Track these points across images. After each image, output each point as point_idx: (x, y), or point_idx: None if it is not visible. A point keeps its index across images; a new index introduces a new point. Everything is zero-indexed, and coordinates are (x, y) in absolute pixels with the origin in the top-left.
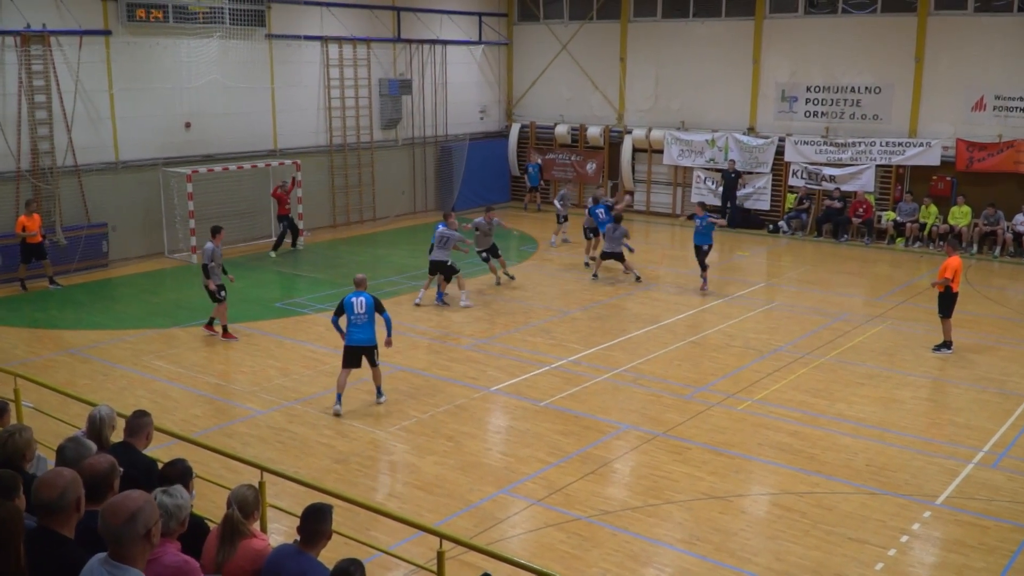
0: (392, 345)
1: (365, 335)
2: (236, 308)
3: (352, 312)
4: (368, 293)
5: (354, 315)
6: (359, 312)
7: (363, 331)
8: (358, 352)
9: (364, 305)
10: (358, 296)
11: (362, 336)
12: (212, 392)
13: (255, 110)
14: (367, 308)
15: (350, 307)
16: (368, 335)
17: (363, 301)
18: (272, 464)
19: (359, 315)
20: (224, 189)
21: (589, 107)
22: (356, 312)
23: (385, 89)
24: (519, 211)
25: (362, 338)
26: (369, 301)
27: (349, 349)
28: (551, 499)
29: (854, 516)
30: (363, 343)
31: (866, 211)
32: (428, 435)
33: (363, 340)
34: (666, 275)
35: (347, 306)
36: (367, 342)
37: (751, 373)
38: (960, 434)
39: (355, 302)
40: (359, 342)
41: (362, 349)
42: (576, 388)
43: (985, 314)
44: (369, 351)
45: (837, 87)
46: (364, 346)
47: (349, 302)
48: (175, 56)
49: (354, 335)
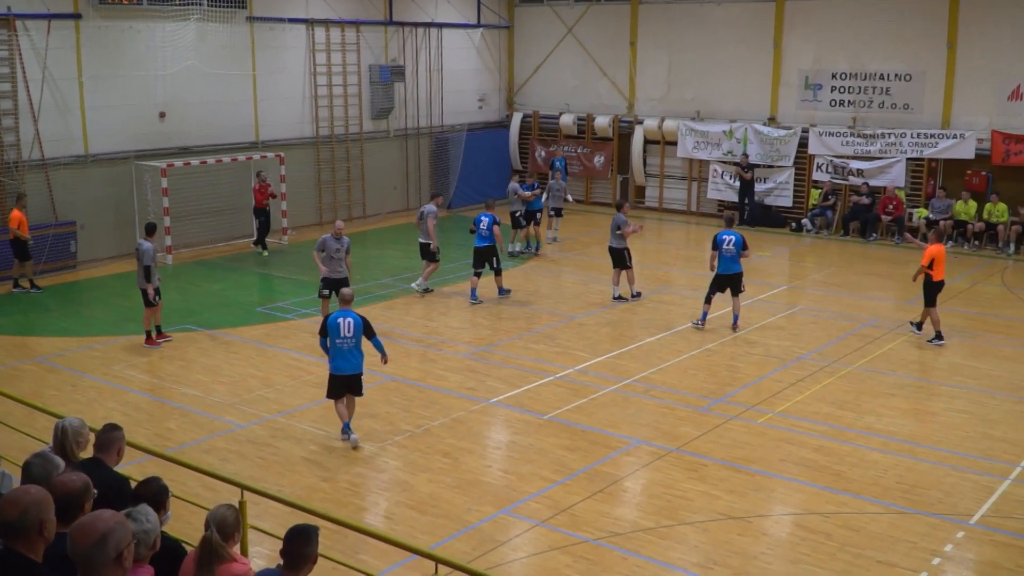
0: (388, 363)
1: (351, 362)
2: (214, 313)
3: (338, 335)
4: (356, 313)
5: (340, 338)
6: (346, 335)
7: (349, 358)
8: (345, 382)
9: (352, 327)
10: (345, 316)
11: (348, 364)
12: (188, 404)
13: (235, 99)
14: (355, 331)
15: (335, 329)
16: (355, 362)
17: (351, 323)
18: (253, 482)
19: (346, 339)
20: (201, 184)
21: (597, 95)
22: (343, 335)
23: (376, 76)
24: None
25: (348, 366)
26: (358, 323)
27: (334, 379)
28: (556, 520)
29: (883, 537)
30: (349, 371)
31: (896, 208)
32: (422, 451)
33: (349, 368)
34: (679, 277)
35: (332, 328)
36: (353, 369)
37: (772, 383)
38: (996, 448)
39: (342, 323)
40: (344, 371)
41: (347, 379)
42: (583, 400)
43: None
44: (355, 380)
45: (864, 74)
46: (350, 375)
47: (335, 323)
48: (149, 41)
49: (339, 363)
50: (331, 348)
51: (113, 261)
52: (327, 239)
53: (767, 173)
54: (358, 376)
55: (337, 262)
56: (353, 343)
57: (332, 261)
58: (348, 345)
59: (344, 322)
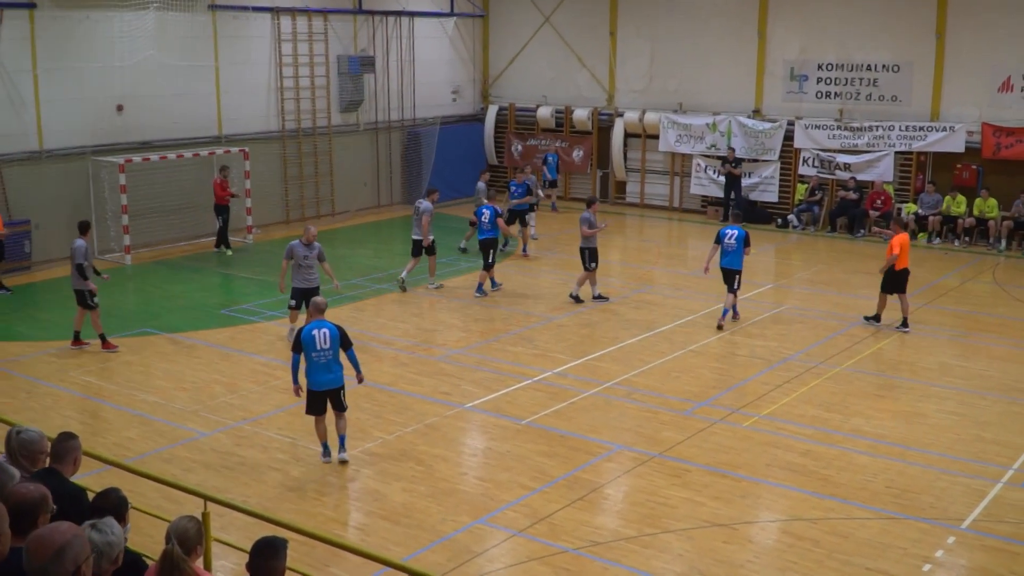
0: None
1: (331, 375)
2: (176, 316)
3: (314, 348)
4: (332, 323)
5: (316, 351)
6: (323, 348)
7: (328, 371)
8: (324, 397)
9: (328, 338)
10: (320, 327)
11: (328, 377)
12: (149, 411)
13: (197, 91)
14: (332, 342)
15: (311, 342)
16: (335, 375)
17: (327, 334)
18: (217, 492)
19: (323, 351)
20: (162, 180)
21: (575, 87)
22: (319, 348)
23: (344, 67)
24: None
25: (327, 379)
26: (334, 333)
27: (313, 395)
28: (534, 529)
29: (873, 544)
30: (329, 386)
31: (885, 203)
32: (395, 458)
33: (329, 382)
34: (662, 276)
35: (307, 341)
36: (333, 384)
37: (758, 385)
38: (988, 451)
39: (317, 335)
40: (325, 385)
41: (328, 394)
42: (562, 404)
43: (1016, 318)
44: (335, 394)
45: (852, 65)
46: (330, 389)
47: (309, 336)
48: (107, 31)
49: (318, 377)
50: (308, 363)
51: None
52: (295, 246)
53: (752, 167)
54: (339, 390)
55: (307, 270)
56: (331, 355)
57: (301, 269)
58: (326, 358)
59: (320, 334)
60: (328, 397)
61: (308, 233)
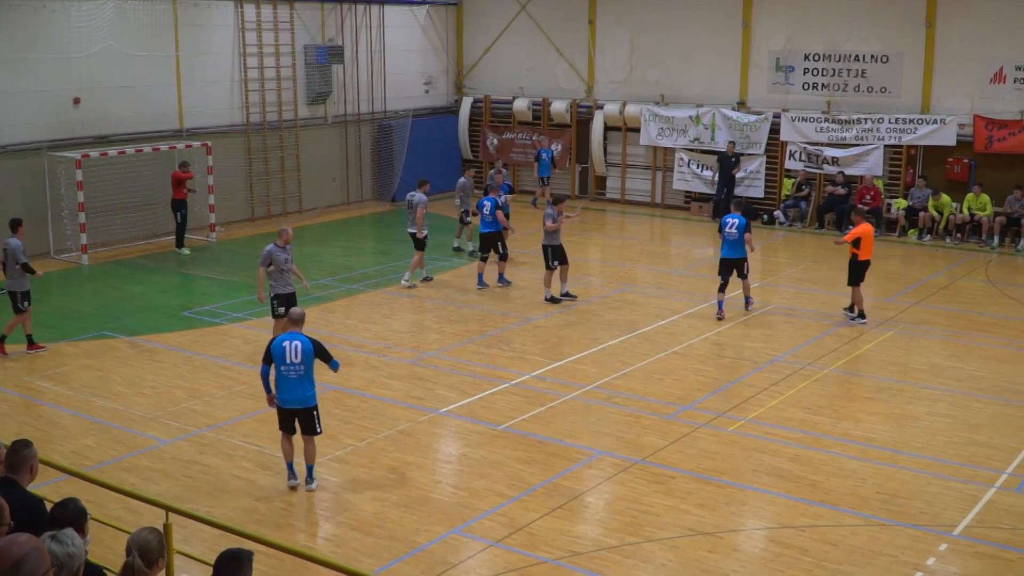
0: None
1: (300, 393)
2: (135, 318)
3: (283, 361)
4: (306, 335)
5: (285, 365)
6: (292, 361)
7: (297, 388)
8: (292, 416)
9: (299, 352)
10: (292, 340)
11: (296, 395)
12: (108, 418)
13: (157, 83)
14: (303, 356)
15: (280, 355)
16: (305, 393)
17: (298, 347)
18: (179, 503)
19: (292, 366)
20: (120, 176)
21: (553, 78)
22: (288, 361)
23: (312, 57)
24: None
25: (296, 397)
26: (306, 346)
27: (281, 412)
28: (512, 539)
29: (862, 551)
30: (297, 404)
31: (874, 198)
32: (366, 466)
33: (297, 400)
34: (644, 275)
35: (276, 353)
36: (303, 403)
37: (744, 388)
38: (981, 454)
39: (287, 348)
40: (292, 403)
41: (295, 413)
42: (540, 408)
43: (1009, 316)
44: (306, 414)
45: (839, 55)
46: (298, 408)
47: (279, 348)
48: (64, 21)
49: (286, 394)
50: (276, 377)
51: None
52: (273, 250)
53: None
54: (310, 411)
55: (287, 274)
56: (302, 371)
57: (283, 274)
58: (296, 373)
59: (291, 346)
60: (296, 417)
61: (285, 235)
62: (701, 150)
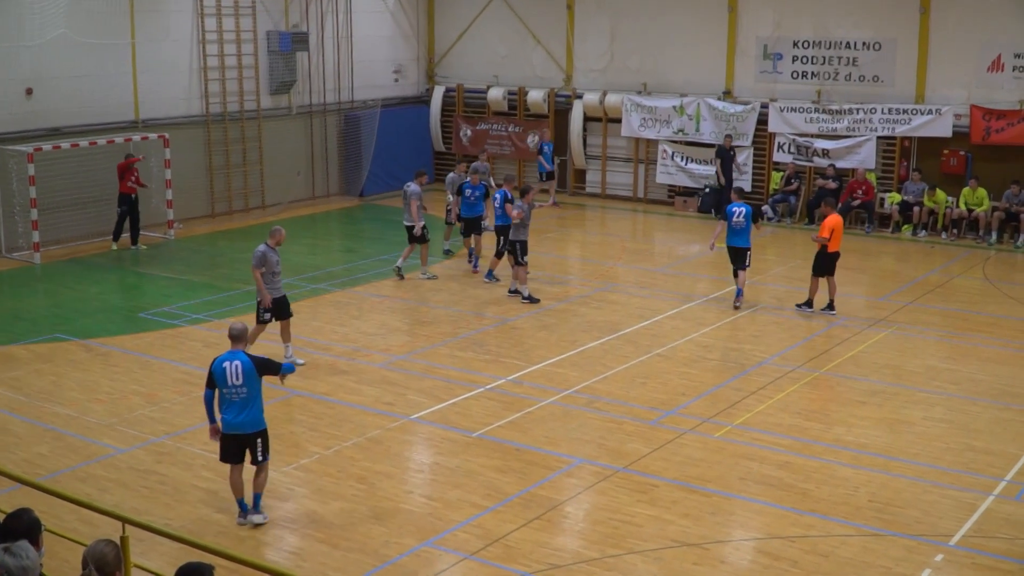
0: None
1: (246, 417)
2: (90, 320)
3: (225, 383)
4: (247, 353)
5: (227, 387)
6: (234, 384)
7: (242, 411)
8: (238, 443)
9: (240, 373)
10: (232, 359)
11: (241, 419)
12: (61, 425)
13: (112, 71)
14: (245, 377)
15: (222, 377)
16: (251, 416)
17: (239, 367)
18: (137, 515)
19: (233, 388)
20: (74, 171)
21: (530, 66)
22: (230, 383)
23: (275, 44)
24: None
25: (241, 422)
26: (247, 366)
27: (225, 439)
28: (487, 552)
29: (854, 563)
30: (242, 429)
31: (866, 192)
32: (333, 475)
33: (242, 425)
34: (626, 273)
35: (217, 375)
36: (248, 427)
37: (730, 392)
38: (979, 461)
39: (228, 369)
40: (237, 428)
41: (241, 439)
42: (517, 414)
43: (1008, 316)
44: (252, 440)
45: (830, 42)
46: (243, 434)
47: (220, 369)
48: (15, 8)
49: (230, 417)
50: (220, 400)
51: None
52: (267, 251)
53: None
54: (256, 436)
55: (278, 276)
56: (245, 393)
57: (273, 277)
58: (239, 395)
59: (231, 367)
60: (243, 444)
61: (278, 235)
62: (685, 142)
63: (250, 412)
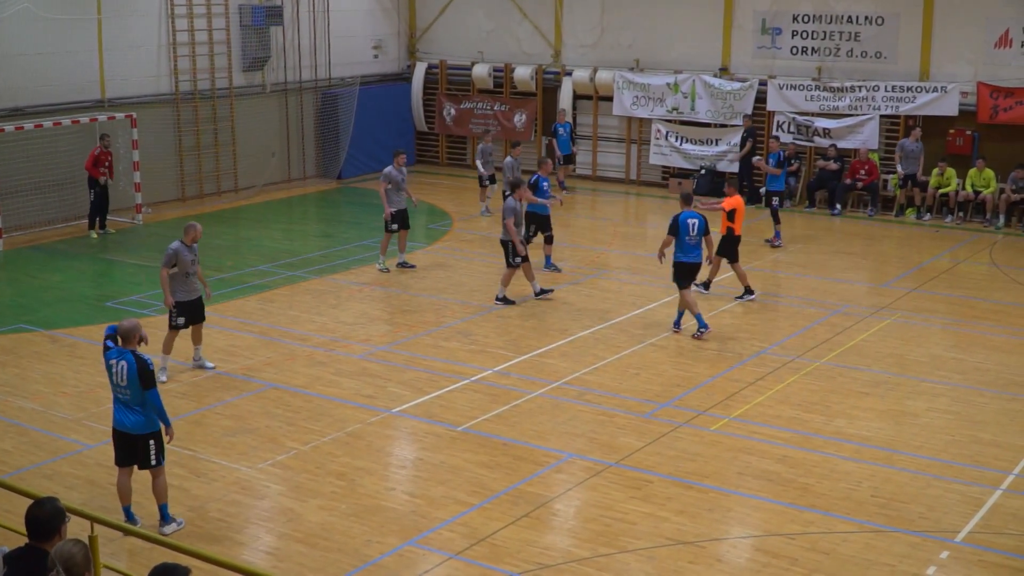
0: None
1: (134, 418)
2: (54, 309)
3: (112, 381)
4: (133, 354)
5: (114, 386)
6: (118, 383)
7: (127, 412)
8: (124, 443)
9: (125, 374)
10: (120, 358)
11: (130, 420)
12: (26, 420)
13: (76, 48)
14: (129, 380)
15: (109, 374)
16: (136, 419)
17: (124, 368)
18: (106, 513)
19: (119, 389)
20: (36, 153)
21: (516, 42)
22: (116, 383)
23: (248, 18)
24: (434, 177)
25: (128, 422)
26: (131, 370)
27: (114, 435)
28: (473, 551)
29: (857, 560)
30: (129, 430)
31: (869, 174)
32: (311, 472)
33: (129, 425)
34: (617, 259)
35: (107, 368)
36: (133, 428)
37: (728, 383)
38: (986, 454)
39: (114, 368)
40: (123, 427)
41: (126, 440)
42: (504, 407)
43: (1016, 303)
44: (138, 444)
45: (831, 16)
46: (132, 434)
47: (108, 365)
48: None
49: (119, 417)
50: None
51: None
52: (180, 249)
53: (719, 133)
54: (145, 438)
55: (192, 278)
56: (128, 395)
57: (189, 278)
58: (123, 396)
59: (117, 366)
60: (132, 445)
61: (194, 231)
62: (680, 121)
63: (136, 414)
